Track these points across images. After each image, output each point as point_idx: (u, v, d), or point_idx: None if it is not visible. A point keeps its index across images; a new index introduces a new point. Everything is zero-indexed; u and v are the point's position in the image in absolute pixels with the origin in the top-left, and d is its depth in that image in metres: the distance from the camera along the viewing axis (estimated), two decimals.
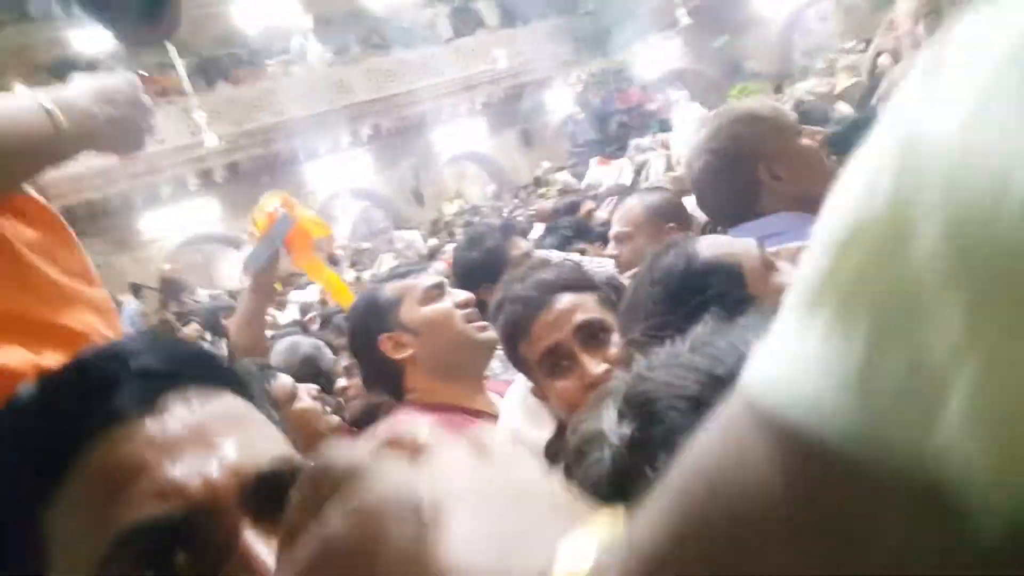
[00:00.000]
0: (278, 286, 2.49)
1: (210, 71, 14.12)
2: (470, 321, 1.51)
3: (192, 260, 13.74)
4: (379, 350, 1.49)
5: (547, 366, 1.16)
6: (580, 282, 1.23)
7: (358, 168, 16.47)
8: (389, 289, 1.54)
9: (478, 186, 18.86)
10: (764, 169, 1.48)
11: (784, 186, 1.47)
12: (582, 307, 1.17)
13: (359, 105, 15.47)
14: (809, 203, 1.46)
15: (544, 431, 1.25)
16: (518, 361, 1.22)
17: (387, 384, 1.53)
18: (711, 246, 0.97)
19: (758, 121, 1.54)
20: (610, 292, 1.25)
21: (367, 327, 1.52)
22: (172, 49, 11.37)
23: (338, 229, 18.02)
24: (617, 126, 16.95)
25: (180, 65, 11.61)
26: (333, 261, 13.83)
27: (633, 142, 15.96)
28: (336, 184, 16.27)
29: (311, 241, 2.05)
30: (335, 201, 17.13)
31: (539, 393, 1.21)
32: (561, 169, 16.44)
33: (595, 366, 1.12)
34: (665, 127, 15.35)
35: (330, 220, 17.77)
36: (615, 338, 1.12)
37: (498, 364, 1.78)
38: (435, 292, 1.53)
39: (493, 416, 1.47)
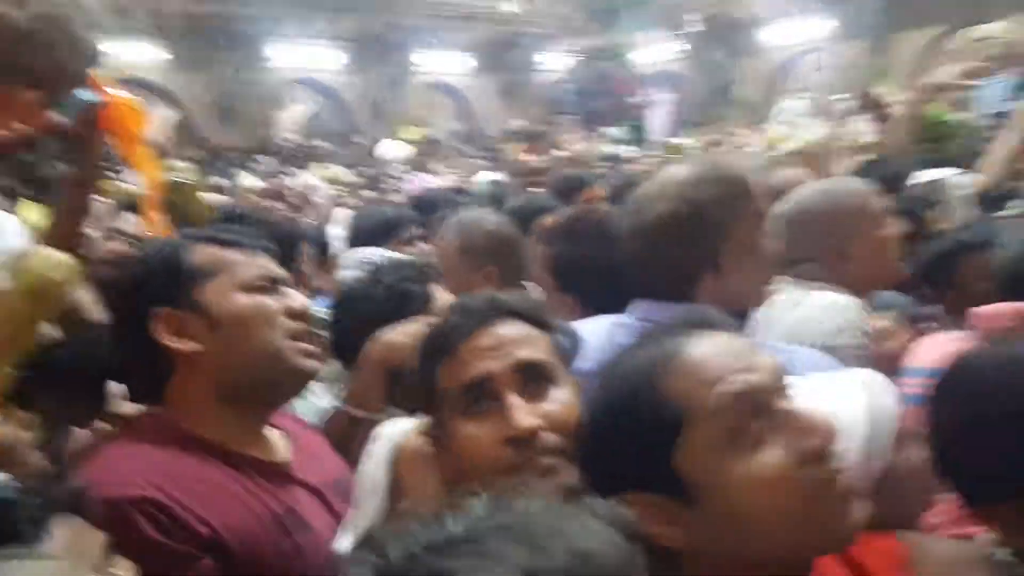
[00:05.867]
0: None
1: None
2: (295, 338, 1.15)
3: None
4: (149, 329, 1.10)
5: (465, 402, 0.94)
6: (537, 316, 1.01)
7: (325, 62, 15.77)
8: (202, 252, 1.14)
9: (445, 119, 18.31)
10: (726, 252, 1.28)
11: (729, 282, 1.28)
12: (532, 343, 0.97)
13: None
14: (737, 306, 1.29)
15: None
16: (429, 390, 0.98)
17: (138, 382, 1.18)
18: (686, 373, 0.79)
19: (748, 197, 1.32)
20: (567, 344, 1.03)
21: (148, 289, 1.12)
22: None
23: (285, 118, 17.32)
24: (603, 106, 16.62)
25: None
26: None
27: (607, 130, 15.71)
28: (296, 71, 15.54)
29: (133, 129, 1.62)
30: (289, 87, 16.39)
31: (436, 437, 0.97)
32: (539, 134, 16.05)
33: (525, 416, 0.90)
34: (637, 128, 15.09)
35: (278, 105, 17.08)
36: (558, 396, 0.95)
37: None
38: (266, 283, 1.16)
39: (282, 469, 1.15)
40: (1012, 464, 0.84)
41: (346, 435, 1.32)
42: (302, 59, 15.35)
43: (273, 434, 1.19)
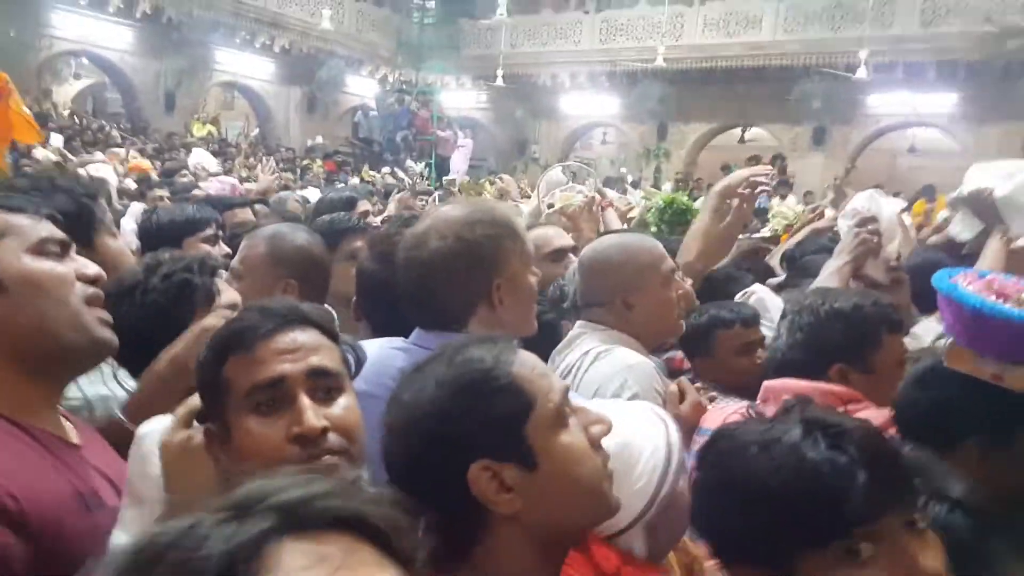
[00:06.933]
0: None
1: None
2: (92, 304, 1.13)
3: None
4: None
5: (255, 400, 0.97)
6: (330, 328, 1.08)
7: (115, 40, 14.47)
8: None
9: (240, 122, 17.58)
10: (496, 288, 1.39)
11: (501, 314, 1.39)
12: (324, 351, 1.03)
13: None
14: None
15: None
16: (214, 382, 1.00)
17: None
18: (525, 365, 0.94)
19: (516, 238, 1.44)
20: (352, 359, 1.11)
21: None
22: None
23: (61, 92, 15.61)
24: (401, 139, 16.97)
25: None
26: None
27: (408, 161, 16.12)
28: (81, 43, 14.11)
29: (8, 133, 1.68)
30: (69, 59, 14.82)
31: (214, 430, 1.00)
32: (339, 154, 15.90)
33: (315, 417, 0.96)
34: (441, 166, 15.72)
35: (55, 77, 15.35)
36: (343, 401, 1.02)
37: None
38: (55, 248, 1.12)
39: (70, 445, 1.12)
40: (751, 535, 0.89)
41: (120, 444, 1.25)
42: (91, 33, 13.99)
43: (61, 419, 1.16)
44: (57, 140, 10.55)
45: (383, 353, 1.38)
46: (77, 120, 13.38)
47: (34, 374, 1.08)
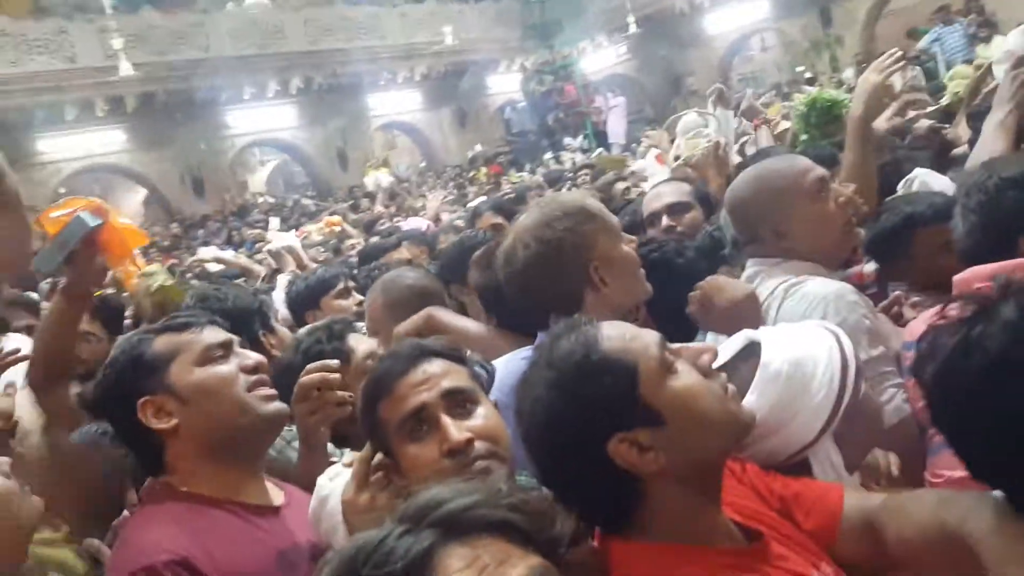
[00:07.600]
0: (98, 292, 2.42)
1: None
2: (254, 389, 1.32)
3: (88, 189, 12.94)
4: (137, 417, 1.27)
5: (407, 429, 1.13)
6: (454, 353, 1.22)
7: (282, 120, 15.87)
8: (159, 343, 1.32)
9: (406, 157, 18.54)
10: (594, 271, 1.45)
11: (608, 292, 1.46)
12: (452, 374, 1.18)
13: (292, 55, 14.89)
14: (624, 308, 1.49)
15: None
16: (374, 424, 1.18)
17: (144, 460, 1.32)
18: (612, 338, 0.98)
19: (593, 218, 1.49)
20: (483, 373, 1.25)
21: (125, 386, 1.29)
22: None
23: (255, 180, 17.43)
24: (553, 120, 16.96)
25: None
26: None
27: (566, 140, 16.07)
28: (256, 133, 15.65)
29: (127, 249, 1.92)
30: (252, 149, 16.49)
31: (385, 464, 1.16)
32: (499, 155, 16.29)
33: (457, 431, 1.11)
34: (599, 134, 15.49)
35: (245, 168, 17.18)
36: (481, 411, 1.16)
37: None
38: (218, 352, 1.33)
39: (272, 510, 1.32)
40: None
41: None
42: (261, 121, 15.49)
43: (267, 484, 1.37)
44: (275, 223, 11.77)
45: (512, 365, 1.46)
46: (273, 200, 14.86)
47: (227, 460, 1.30)
